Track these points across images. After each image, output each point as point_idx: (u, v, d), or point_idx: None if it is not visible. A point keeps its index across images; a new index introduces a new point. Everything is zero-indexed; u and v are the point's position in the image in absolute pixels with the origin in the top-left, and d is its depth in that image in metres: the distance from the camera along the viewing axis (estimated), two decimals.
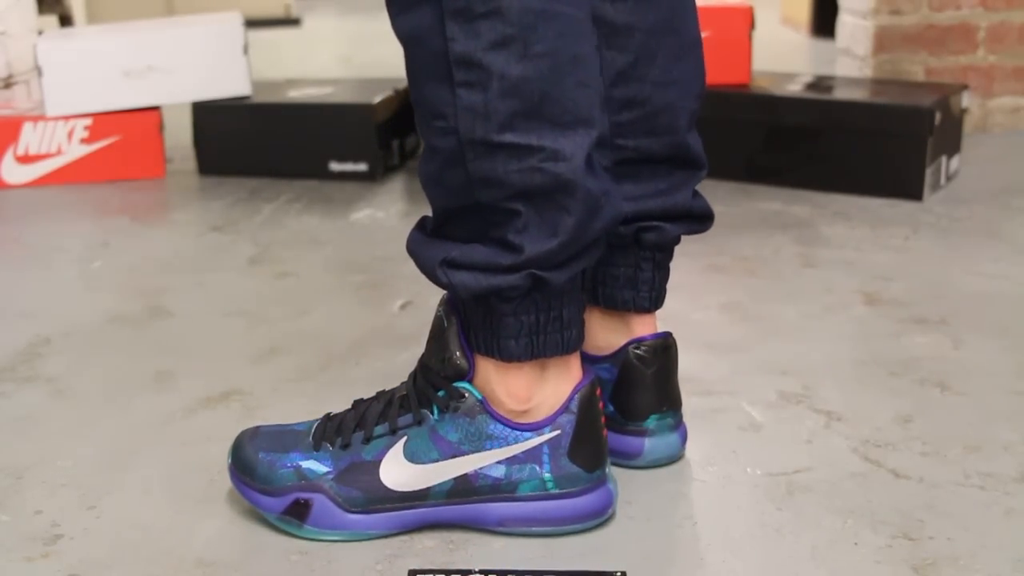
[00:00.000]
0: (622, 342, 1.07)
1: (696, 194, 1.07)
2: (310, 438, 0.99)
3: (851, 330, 1.41)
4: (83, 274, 1.71)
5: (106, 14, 4.37)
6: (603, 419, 0.97)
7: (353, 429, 0.98)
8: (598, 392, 0.97)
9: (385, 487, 0.96)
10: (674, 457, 1.08)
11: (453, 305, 0.95)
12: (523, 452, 0.95)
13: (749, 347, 1.36)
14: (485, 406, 0.94)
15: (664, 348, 1.07)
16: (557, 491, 0.95)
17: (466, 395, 0.95)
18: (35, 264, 1.76)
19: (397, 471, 0.96)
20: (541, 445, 0.95)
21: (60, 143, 2.23)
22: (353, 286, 1.60)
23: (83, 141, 2.23)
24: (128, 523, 1.00)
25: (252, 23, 2.99)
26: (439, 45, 0.86)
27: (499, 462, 0.95)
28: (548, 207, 0.88)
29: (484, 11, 0.84)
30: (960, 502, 1.01)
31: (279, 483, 0.97)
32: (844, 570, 0.91)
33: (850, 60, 2.62)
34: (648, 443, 1.07)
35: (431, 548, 0.95)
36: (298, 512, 0.96)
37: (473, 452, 0.95)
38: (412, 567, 0.92)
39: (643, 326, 1.08)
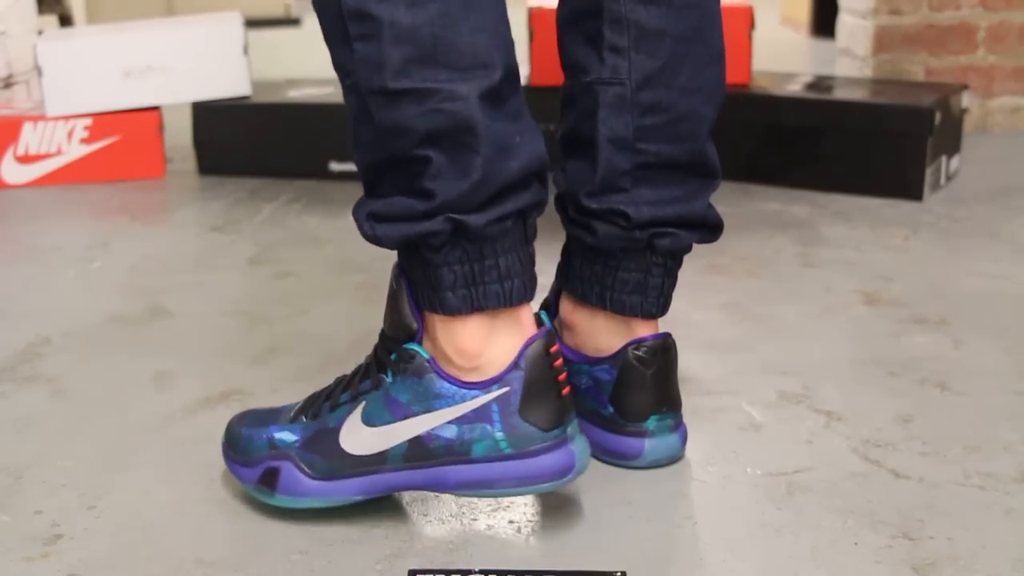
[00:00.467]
0: (622, 343, 1.07)
1: (709, 204, 1.08)
2: (291, 414, 1.02)
3: (851, 330, 1.41)
4: (83, 274, 1.71)
5: (106, 14, 4.37)
6: (562, 376, 0.95)
7: (323, 400, 1.01)
8: (553, 348, 0.94)
9: (344, 452, 0.97)
10: (674, 458, 1.08)
11: (402, 268, 0.97)
12: (472, 411, 0.94)
13: (749, 347, 1.36)
14: (432, 365, 0.94)
15: (664, 349, 1.07)
16: (511, 451, 0.93)
17: (415, 355, 0.95)
18: (35, 264, 1.76)
19: (355, 436, 0.97)
20: (489, 403, 0.93)
21: (60, 143, 2.23)
22: (353, 286, 1.60)
23: (83, 141, 2.23)
24: (128, 523, 1.00)
25: (252, 23, 2.99)
26: (336, 3, 0.89)
27: (449, 422, 0.94)
28: (455, 149, 0.89)
29: None
30: (960, 502, 1.01)
31: (254, 453, 1.00)
32: (844, 570, 0.91)
33: (850, 60, 2.62)
34: (648, 444, 1.07)
35: (431, 548, 0.95)
36: (269, 480, 0.99)
37: (423, 412, 0.94)
38: (412, 567, 0.92)
39: (645, 328, 1.08)
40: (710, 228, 1.09)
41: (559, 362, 0.95)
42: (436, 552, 0.95)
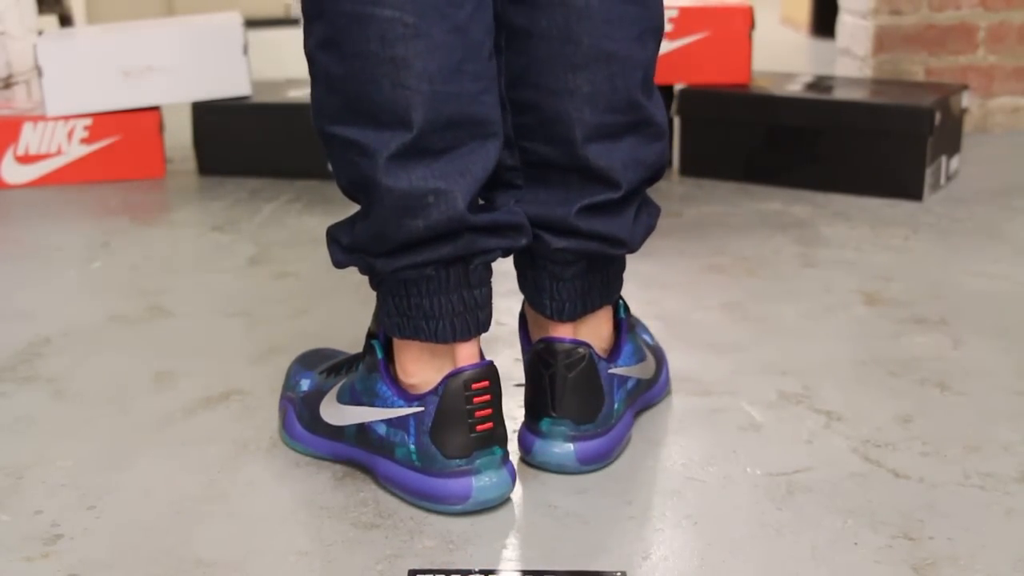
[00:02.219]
0: (539, 337, 1.08)
1: (603, 213, 1.02)
2: (324, 366, 1.15)
3: (851, 330, 1.41)
4: (83, 274, 1.71)
5: (106, 14, 4.37)
6: (481, 412, 0.98)
7: (337, 367, 1.12)
8: (476, 385, 0.98)
9: (319, 416, 1.09)
10: (564, 468, 1.06)
11: None
12: (396, 418, 1.01)
13: (749, 347, 1.36)
14: (381, 366, 1.02)
15: (563, 354, 1.04)
16: (419, 465, 1.00)
17: (373, 353, 1.03)
18: (35, 264, 1.76)
19: (329, 406, 1.08)
20: (408, 417, 1.00)
21: (60, 143, 2.23)
22: (353, 286, 1.60)
23: (83, 141, 2.23)
24: (128, 523, 1.00)
25: (252, 23, 2.99)
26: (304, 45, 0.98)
27: (381, 420, 1.02)
28: (367, 199, 0.96)
29: (314, 13, 0.94)
30: (960, 502, 1.01)
31: (286, 390, 1.17)
32: (844, 570, 0.91)
33: (850, 60, 2.62)
34: (538, 444, 1.06)
35: (431, 548, 0.95)
36: (281, 415, 1.14)
37: (367, 405, 1.03)
38: (412, 567, 0.92)
39: (558, 329, 1.07)
40: (594, 238, 1.03)
41: (480, 398, 0.98)
42: (436, 552, 0.95)
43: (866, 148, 2.00)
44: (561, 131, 1.01)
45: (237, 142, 2.27)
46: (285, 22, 4.84)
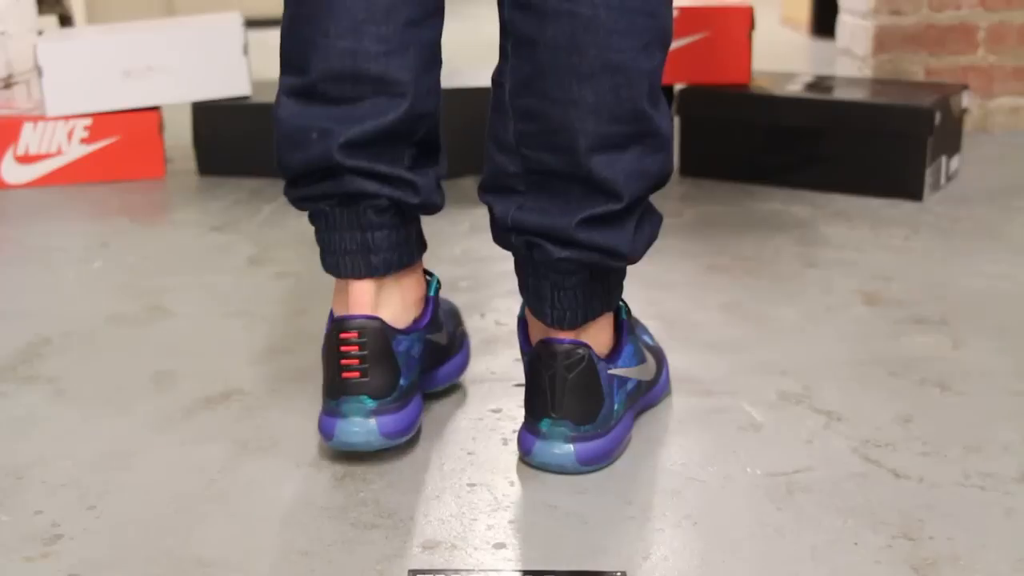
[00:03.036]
0: (539, 338, 1.09)
1: (604, 225, 1.02)
2: None
3: (851, 330, 1.41)
4: (83, 274, 1.71)
5: (106, 14, 4.37)
6: (345, 361, 1.06)
7: None
8: (344, 335, 1.06)
9: None
10: (564, 468, 1.06)
11: None
12: None
13: (749, 347, 1.36)
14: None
15: (563, 355, 1.05)
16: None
17: None
18: (35, 264, 1.76)
19: None
20: None
21: (60, 143, 2.23)
22: None
23: (83, 141, 2.23)
24: (128, 523, 1.00)
25: (252, 23, 2.99)
26: None
27: None
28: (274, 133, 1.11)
29: None
30: (960, 502, 1.01)
31: None
32: (844, 570, 0.91)
33: (850, 60, 2.62)
34: (538, 445, 1.06)
35: (431, 548, 0.95)
36: None
37: None
38: (412, 567, 0.92)
39: (561, 332, 1.07)
40: (594, 249, 1.03)
41: (346, 348, 1.06)
42: (436, 552, 0.95)
43: (866, 148, 2.00)
44: (565, 141, 1.00)
45: (237, 142, 2.27)
46: None
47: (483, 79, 2.18)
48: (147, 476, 1.09)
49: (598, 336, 1.10)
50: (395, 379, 1.08)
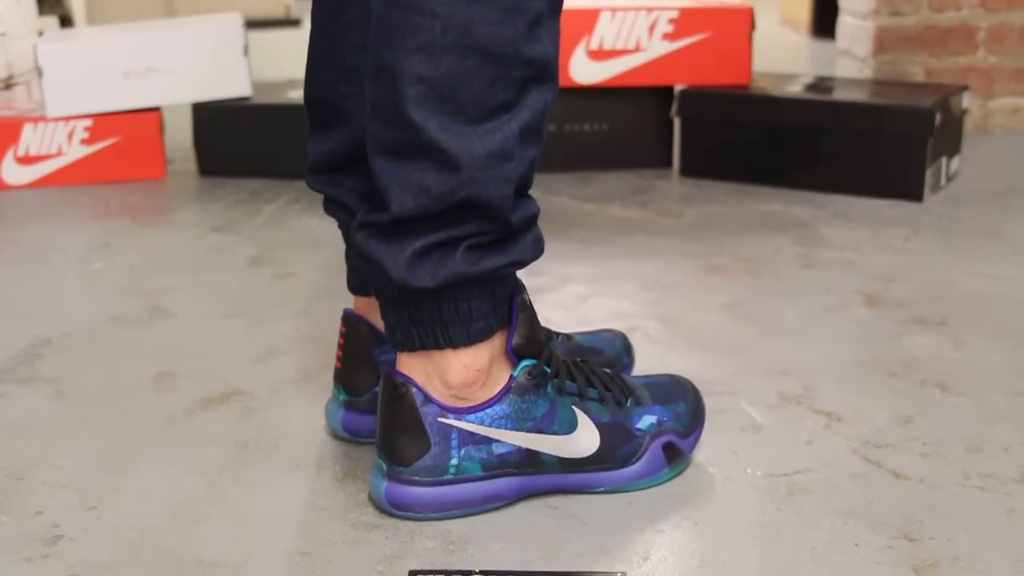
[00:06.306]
0: None
1: (378, 235, 0.94)
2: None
3: (851, 331, 1.41)
4: (83, 275, 1.71)
5: (106, 15, 4.37)
6: (339, 352, 1.12)
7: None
8: (341, 328, 1.11)
9: None
10: (381, 505, 1.00)
11: None
12: None
13: (749, 347, 1.36)
14: None
15: (387, 383, 0.98)
16: None
17: None
18: (35, 265, 1.76)
19: None
20: None
21: (60, 144, 2.23)
22: None
23: (83, 142, 2.24)
24: (128, 523, 1.00)
25: (252, 24, 2.99)
26: None
27: None
28: None
29: None
30: (960, 503, 1.01)
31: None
32: (844, 571, 0.91)
33: (850, 61, 2.62)
34: (373, 470, 1.02)
35: (431, 549, 0.95)
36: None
37: None
38: (412, 567, 0.92)
39: (399, 357, 0.99)
40: (364, 257, 0.95)
41: (340, 339, 1.11)
42: (436, 552, 0.95)
43: (866, 149, 2.00)
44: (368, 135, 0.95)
45: (237, 143, 2.27)
46: (285, 23, 4.84)
47: None
48: (147, 477, 1.09)
49: (448, 373, 0.97)
50: (370, 383, 1.10)
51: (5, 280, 1.70)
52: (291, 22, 4.85)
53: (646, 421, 1.05)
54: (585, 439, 1.02)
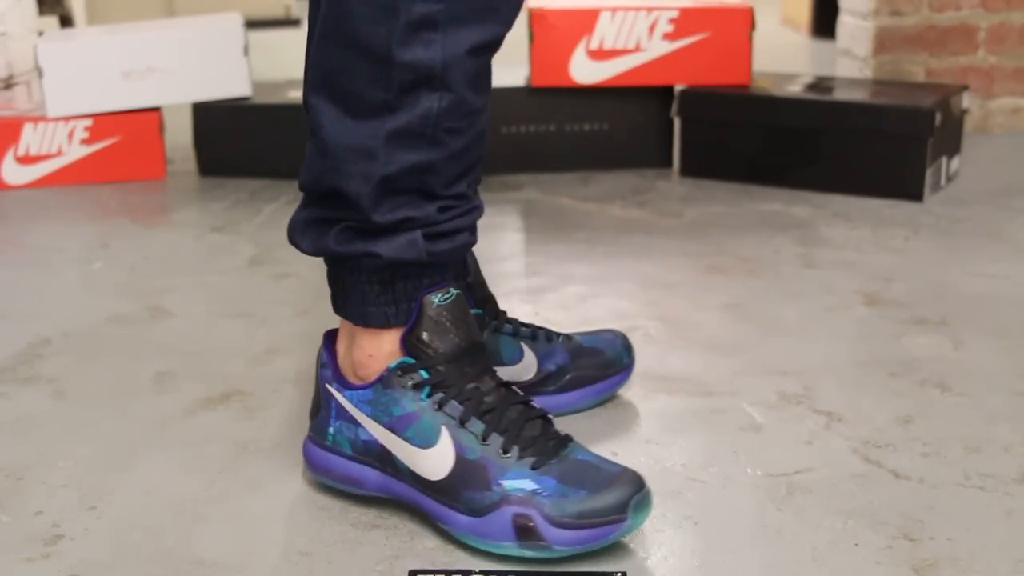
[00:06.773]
0: None
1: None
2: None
3: (851, 331, 1.41)
4: (83, 275, 1.71)
5: (106, 15, 4.37)
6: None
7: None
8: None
9: None
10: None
11: None
12: None
13: (749, 347, 1.36)
14: None
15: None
16: None
17: None
18: (35, 264, 1.76)
19: None
20: None
21: (60, 144, 2.23)
22: None
23: (83, 142, 2.24)
24: (128, 523, 1.00)
25: (252, 24, 2.99)
26: None
27: None
28: None
29: None
30: (960, 503, 1.01)
31: None
32: (844, 571, 0.91)
33: (850, 61, 2.62)
34: None
35: (431, 548, 0.95)
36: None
37: None
38: (412, 567, 0.92)
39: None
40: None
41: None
42: (436, 552, 0.95)
43: (866, 149, 2.00)
44: None
45: (237, 143, 2.27)
46: (285, 23, 4.84)
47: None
48: (148, 477, 1.09)
49: (354, 349, 1.02)
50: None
51: (5, 280, 1.70)
52: (291, 22, 4.85)
53: (517, 483, 0.93)
54: (434, 461, 0.96)
